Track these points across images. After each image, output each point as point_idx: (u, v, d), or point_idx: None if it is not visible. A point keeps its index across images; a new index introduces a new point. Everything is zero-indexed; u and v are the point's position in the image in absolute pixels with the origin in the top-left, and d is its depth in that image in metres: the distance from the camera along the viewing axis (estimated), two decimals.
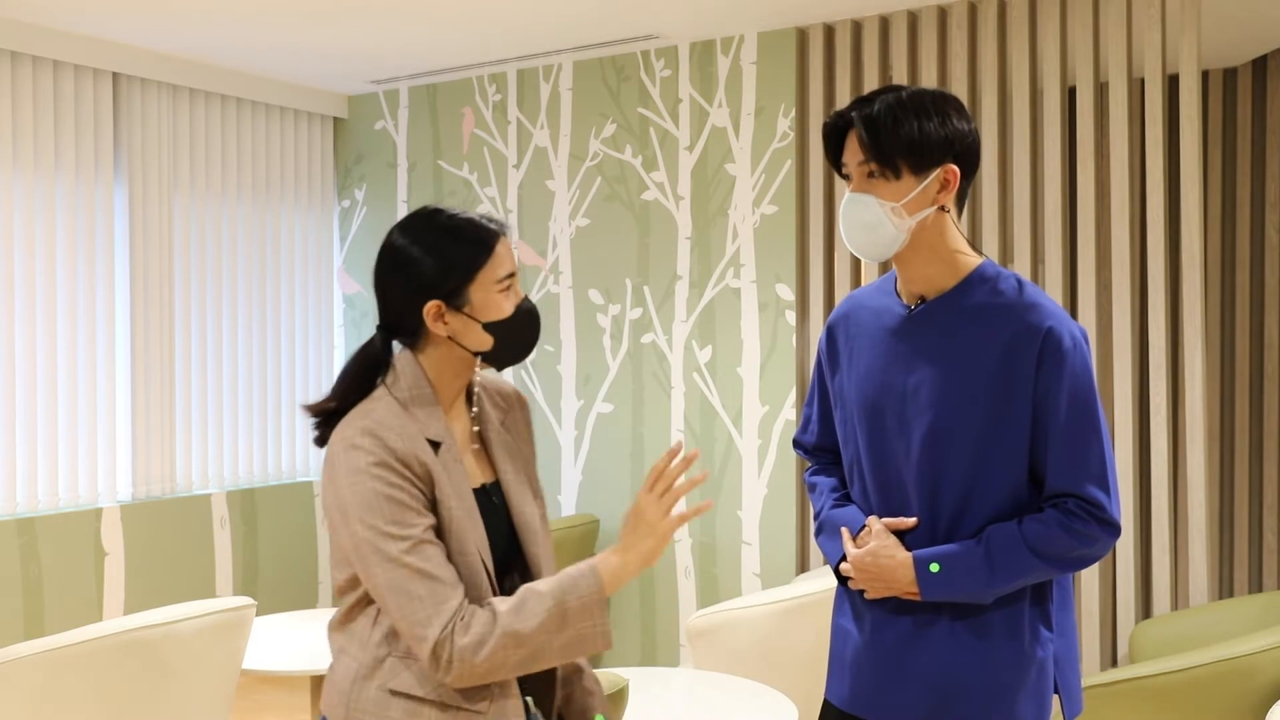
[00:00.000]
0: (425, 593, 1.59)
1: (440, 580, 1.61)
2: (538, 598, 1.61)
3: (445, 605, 1.59)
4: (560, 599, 1.60)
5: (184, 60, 5.05)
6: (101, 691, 2.81)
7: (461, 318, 1.71)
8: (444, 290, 1.70)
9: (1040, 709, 1.90)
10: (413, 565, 1.60)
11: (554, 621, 1.60)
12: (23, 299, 4.57)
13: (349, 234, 5.84)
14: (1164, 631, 3.75)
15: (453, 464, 1.70)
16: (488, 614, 1.60)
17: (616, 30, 4.62)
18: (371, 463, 1.63)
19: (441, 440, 1.70)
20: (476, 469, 1.80)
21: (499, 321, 1.71)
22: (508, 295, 1.73)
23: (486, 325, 1.71)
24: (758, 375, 4.65)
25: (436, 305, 1.70)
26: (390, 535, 1.61)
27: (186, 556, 5.11)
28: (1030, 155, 4.16)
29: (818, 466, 2.17)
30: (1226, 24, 4.40)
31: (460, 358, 1.74)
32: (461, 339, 1.72)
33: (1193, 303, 3.89)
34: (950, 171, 1.87)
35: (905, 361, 1.93)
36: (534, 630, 1.59)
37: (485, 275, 1.70)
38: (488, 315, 1.71)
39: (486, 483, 1.79)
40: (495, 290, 1.71)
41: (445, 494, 1.68)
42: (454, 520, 1.68)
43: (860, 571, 1.93)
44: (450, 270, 1.69)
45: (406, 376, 1.72)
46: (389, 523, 1.61)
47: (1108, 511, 1.83)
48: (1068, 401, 1.83)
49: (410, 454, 1.65)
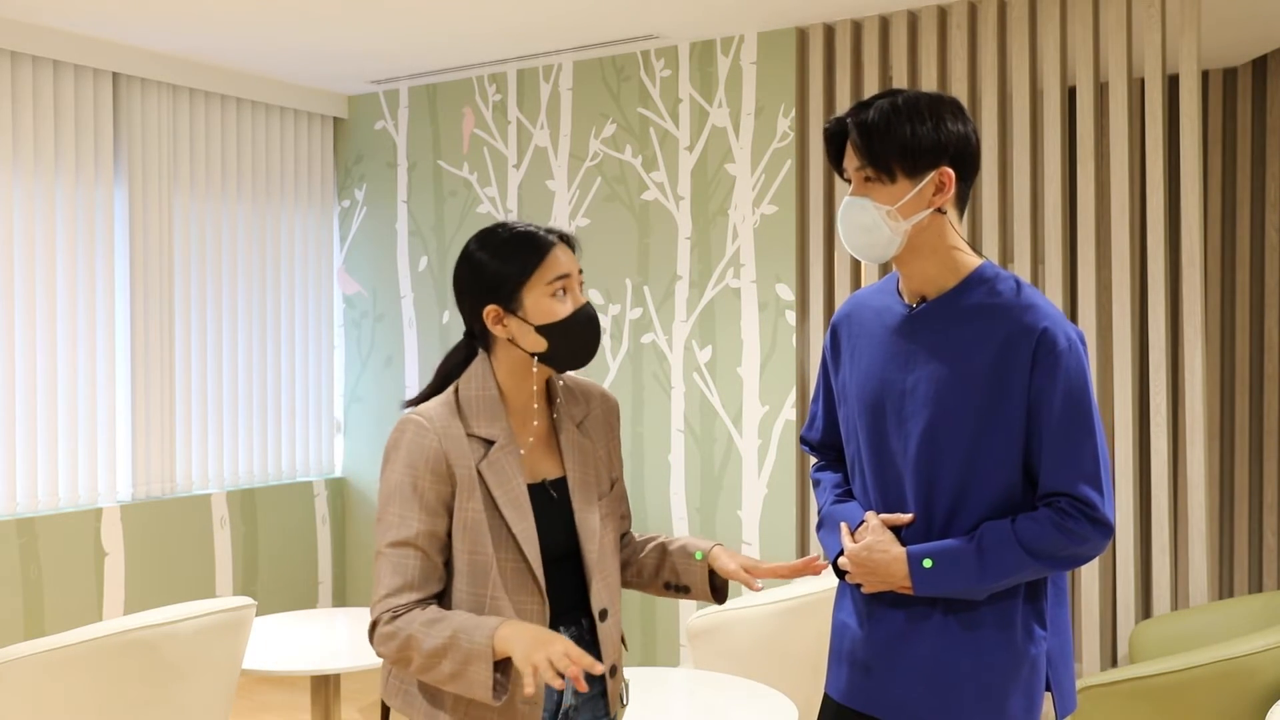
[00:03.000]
0: (387, 581, 1.77)
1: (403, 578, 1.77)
2: (447, 623, 1.73)
3: (393, 599, 1.76)
4: (456, 634, 1.72)
5: (184, 60, 5.05)
6: (101, 691, 2.82)
7: (517, 321, 1.82)
8: (500, 294, 1.81)
9: (1031, 706, 1.91)
10: (390, 557, 1.78)
11: (444, 650, 1.71)
12: (23, 299, 4.57)
13: (349, 234, 5.84)
14: (1164, 631, 3.75)
15: (505, 460, 1.82)
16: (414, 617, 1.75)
17: (616, 30, 4.62)
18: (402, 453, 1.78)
19: (496, 439, 1.82)
20: (546, 466, 1.90)
21: (552, 324, 1.81)
22: (561, 299, 1.82)
23: (539, 328, 1.81)
24: (758, 375, 4.65)
25: (494, 309, 1.82)
26: (390, 524, 1.78)
27: (186, 556, 5.11)
28: (1030, 155, 4.16)
29: (823, 463, 2.21)
30: (1226, 24, 4.40)
31: (521, 360, 1.85)
32: (519, 341, 1.83)
33: (1193, 303, 3.89)
34: (945, 174, 1.88)
35: (905, 360, 1.95)
36: (428, 650, 1.72)
37: (537, 279, 1.80)
38: (540, 318, 1.81)
39: (550, 479, 1.89)
40: (547, 294, 1.81)
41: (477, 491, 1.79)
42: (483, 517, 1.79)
43: (856, 566, 1.95)
44: (504, 274, 1.81)
45: (477, 378, 1.85)
46: (395, 514, 1.78)
47: (1100, 511, 1.84)
48: (1062, 401, 1.84)
49: (440, 453, 1.78)
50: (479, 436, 1.82)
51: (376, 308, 5.74)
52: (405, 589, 1.76)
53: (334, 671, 3.35)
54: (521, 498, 1.82)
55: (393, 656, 1.76)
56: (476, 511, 1.79)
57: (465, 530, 1.80)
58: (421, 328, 5.58)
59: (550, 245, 1.83)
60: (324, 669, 3.34)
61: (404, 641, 1.74)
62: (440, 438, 1.79)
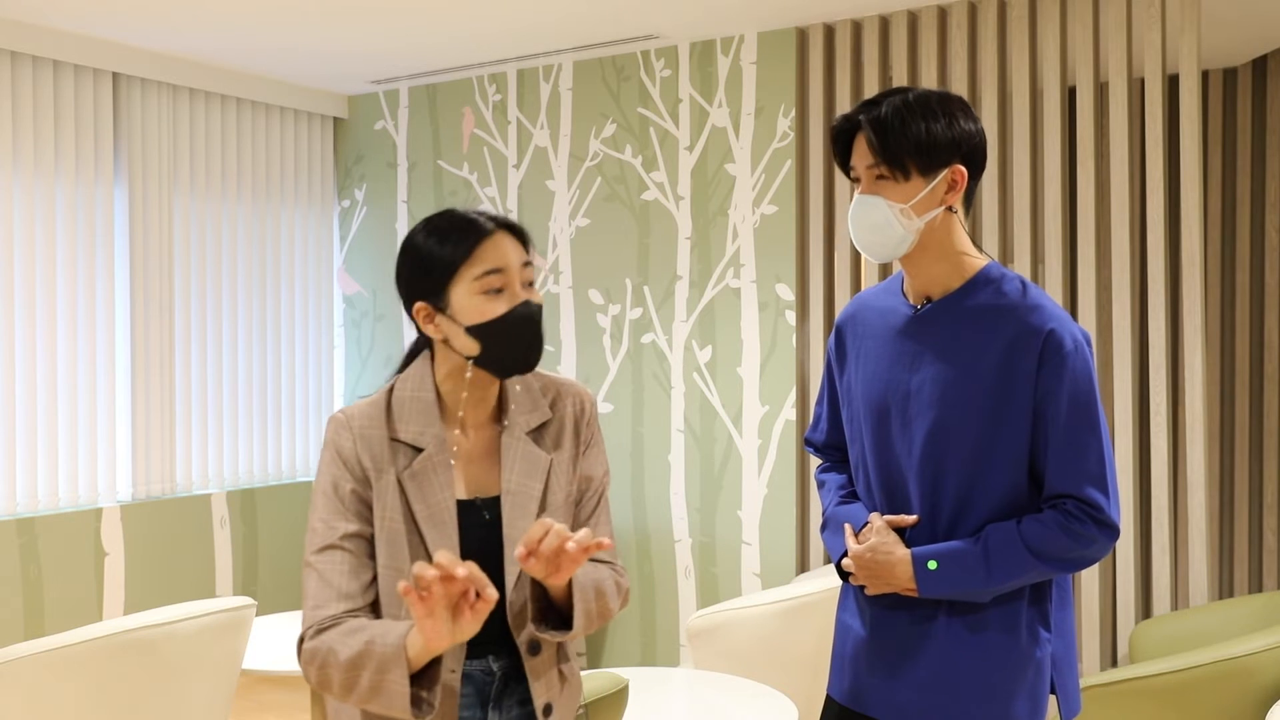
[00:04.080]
0: (313, 592, 1.59)
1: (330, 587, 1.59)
2: (364, 630, 1.53)
3: (319, 611, 1.58)
4: (372, 640, 1.52)
5: (184, 60, 5.05)
6: (101, 691, 2.81)
7: (446, 320, 1.62)
8: (427, 289, 1.63)
9: (1035, 709, 1.90)
10: (316, 565, 1.61)
11: (360, 659, 1.51)
12: (23, 299, 4.57)
13: (349, 234, 5.84)
14: (1164, 631, 3.75)
15: (430, 472, 1.62)
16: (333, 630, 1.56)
17: (616, 30, 4.62)
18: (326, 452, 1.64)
19: (424, 447, 1.63)
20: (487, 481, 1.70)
21: (482, 325, 1.60)
22: (494, 297, 1.61)
23: (470, 329, 1.61)
24: (758, 375, 4.65)
25: (424, 306, 1.64)
26: (315, 530, 1.62)
27: (186, 556, 5.11)
28: (1030, 155, 4.16)
29: (828, 464, 2.20)
30: (1226, 24, 4.40)
31: (458, 364, 1.65)
32: (452, 343, 1.64)
33: (1193, 303, 3.89)
34: (958, 172, 1.88)
35: (910, 361, 1.94)
36: (346, 660, 1.52)
37: (465, 273, 1.60)
38: (470, 318, 1.60)
39: (486, 497, 1.69)
40: (477, 290, 1.60)
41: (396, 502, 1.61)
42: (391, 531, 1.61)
43: (860, 567, 1.94)
44: (432, 266, 1.61)
45: (414, 378, 1.67)
46: (319, 519, 1.63)
47: (1106, 513, 1.84)
48: (1068, 403, 1.84)
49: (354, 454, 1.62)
50: (405, 442, 1.63)
51: (376, 308, 5.74)
52: (334, 599, 1.58)
53: None
54: (445, 514, 1.62)
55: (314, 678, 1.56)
56: (395, 523, 1.61)
57: (384, 542, 1.62)
58: None
59: (484, 234, 1.60)
60: None
61: (324, 657, 1.54)
62: (356, 439, 1.62)
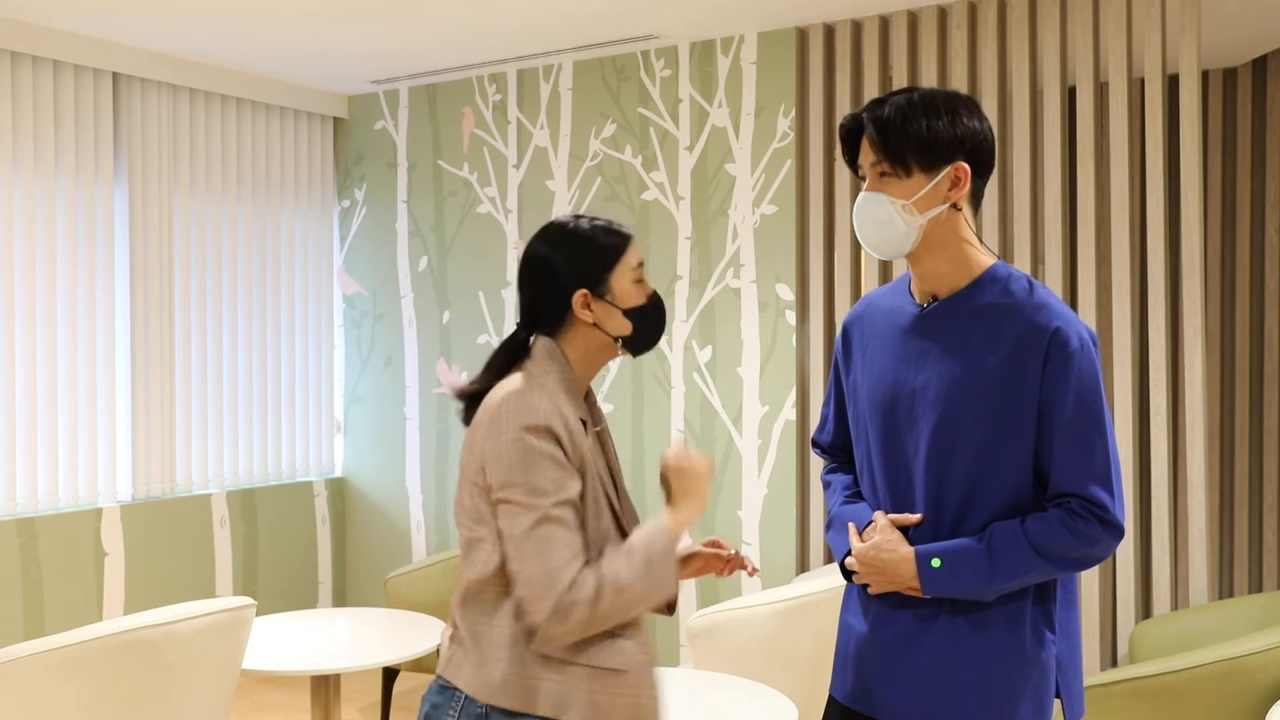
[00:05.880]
0: (565, 543, 1.74)
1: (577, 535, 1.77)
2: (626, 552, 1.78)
3: (577, 560, 1.74)
4: (646, 550, 1.79)
5: (184, 60, 5.05)
6: (101, 691, 2.81)
7: (604, 305, 1.89)
8: (590, 278, 1.88)
9: (1040, 710, 1.89)
10: (559, 518, 1.75)
11: (643, 570, 1.77)
12: (23, 299, 4.57)
13: (349, 234, 5.84)
14: (1164, 631, 3.75)
15: (594, 445, 1.88)
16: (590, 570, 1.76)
17: (616, 30, 4.62)
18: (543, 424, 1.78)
19: (587, 420, 1.88)
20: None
21: (637, 308, 1.90)
22: (642, 286, 1.92)
23: (627, 311, 1.90)
24: (758, 375, 4.65)
25: (584, 294, 1.88)
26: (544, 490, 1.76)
27: (186, 556, 5.11)
28: (1030, 155, 4.16)
29: (834, 465, 2.20)
30: (1226, 24, 4.40)
31: (602, 344, 1.91)
32: (604, 325, 1.90)
33: (1193, 303, 3.89)
34: (961, 169, 1.89)
35: (916, 359, 1.94)
36: (630, 580, 1.76)
37: (624, 265, 1.90)
38: (627, 302, 1.90)
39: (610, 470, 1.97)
40: (631, 279, 1.90)
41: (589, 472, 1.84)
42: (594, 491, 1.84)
43: (864, 566, 1.94)
44: (596, 260, 1.89)
45: (556, 363, 1.88)
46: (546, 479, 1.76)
47: (1111, 512, 1.83)
48: (1074, 402, 1.84)
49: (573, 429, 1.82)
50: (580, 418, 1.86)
51: (376, 308, 5.74)
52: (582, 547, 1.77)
53: (334, 671, 3.35)
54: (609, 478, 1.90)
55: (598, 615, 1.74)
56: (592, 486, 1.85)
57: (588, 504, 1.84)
58: (421, 328, 5.58)
59: (631, 234, 1.94)
60: (324, 669, 3.34)
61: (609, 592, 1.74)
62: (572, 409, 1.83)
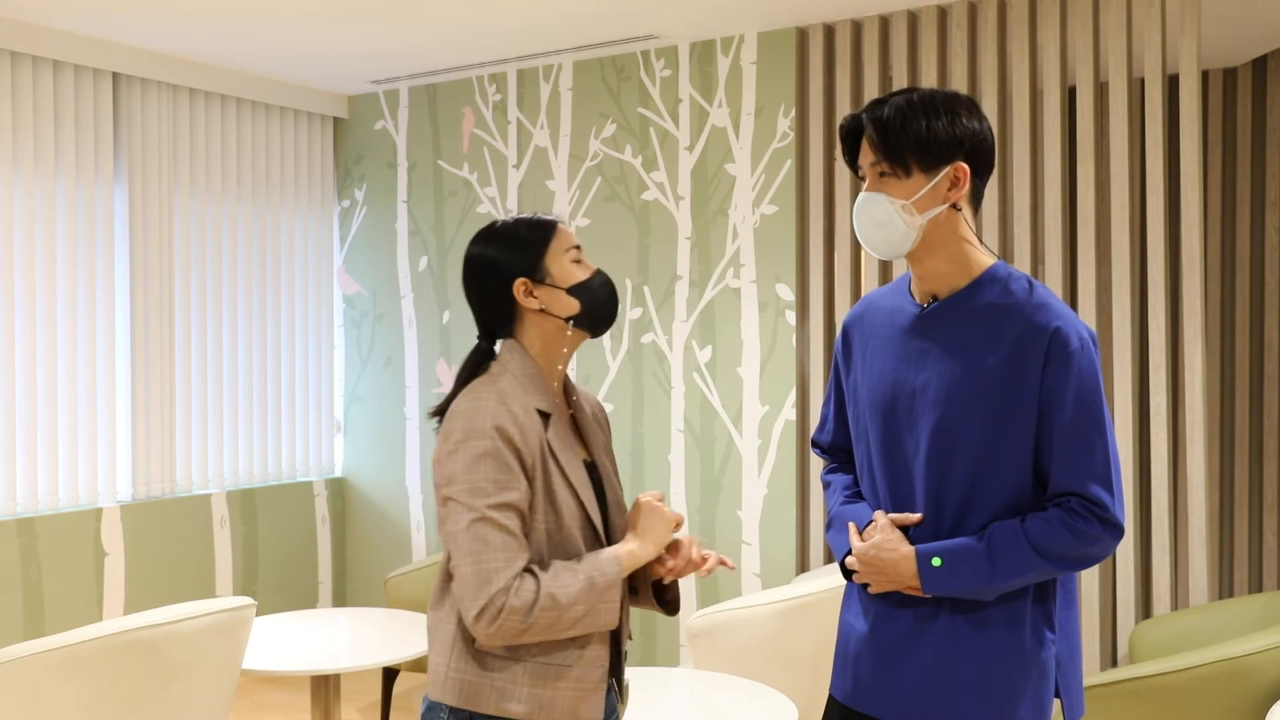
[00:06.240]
0: (501, 545, 1.75)
1: (516, 539, 1.77)
2: (571, 571, 1.79)
3: (514, 564, 1.75)
4: (590, 575, 1.80)
5: (184, 60, 5.05)
6: (101, 691, 2.82)
7: (546, 288, 1.91)
8: (526, 266, 1.91)
9: (1040, 709, 1.89)
10: (496, 520, 1.76)
11: (585, 593, 1.78)
12: (23, 299, 4.57)
13: (349, 234, 5.84)
14: (1164, 631, 3.75)
15: (564, 434, 1.89)
16: (532, 579, 1.76)
17: (616, 30, 4.62)
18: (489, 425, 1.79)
19: (551, 412, 1.88)
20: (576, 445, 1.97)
21: (579, 284, 1.92)
22: (582, 265, 1.94)
23: (570, 290, 1.91)
24: (758, 375, 4.65)
25: (524, 282, 1.91)
26: (484, 490, 1.77)
27: (186, 556, 5.11)
28: (1030, 155, 4.16)
29: (834, 465, 2.20)
30: (1226, 24, 4.40)
31: (556, 328, 1.93)
32: (551, 308, 1.92)
33: (1193, 303, 3.89)
34: (960, 169, 1.89)
35: (916, 359, 1.95)
36: (569, 601, 1.76)
37: (556, 247, 1.92)
38: (568, 280, 1.92)
39: (585, 459, 1.97)
40: (569, 260, 1.93)
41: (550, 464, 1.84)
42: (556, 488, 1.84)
43: (864, 565, 1.94)
44: (526, 247, 1.92)
45: (516, 357, 1.91)
46: (487, 480, 1.78)
47: (1111, 511, 1.83)
48: (1074, 401, 1.84)
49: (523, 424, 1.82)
50: (539, 409, 1.87)
51: (376, 308, 5.74)
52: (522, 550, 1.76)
53: (334, 671, 3.35)
54: (583, 471, 1.90)
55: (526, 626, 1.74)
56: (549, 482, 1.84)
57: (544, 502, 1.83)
58: (421, 328, 5.58)
59: (556, 220, 1.97)
60: (324, 669, 3.34)
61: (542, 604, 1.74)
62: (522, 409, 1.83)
